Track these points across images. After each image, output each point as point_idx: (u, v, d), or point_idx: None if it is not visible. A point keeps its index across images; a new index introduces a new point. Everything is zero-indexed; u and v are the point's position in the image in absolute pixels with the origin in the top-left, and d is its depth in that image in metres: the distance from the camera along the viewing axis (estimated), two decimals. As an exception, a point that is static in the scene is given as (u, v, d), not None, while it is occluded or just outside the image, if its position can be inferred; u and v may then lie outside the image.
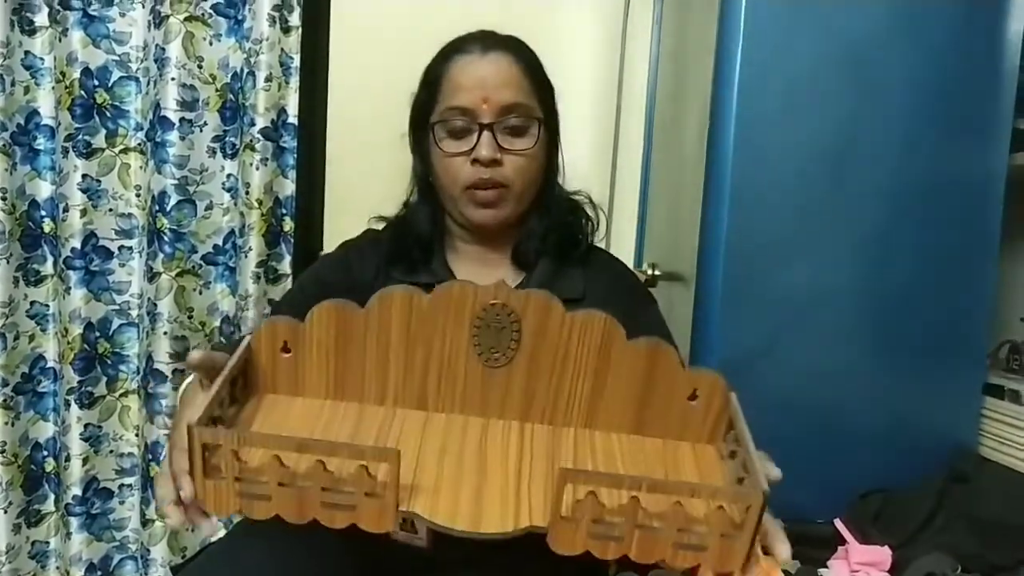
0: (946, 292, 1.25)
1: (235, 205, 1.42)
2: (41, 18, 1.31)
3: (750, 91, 1.17)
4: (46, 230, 1.37)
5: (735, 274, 1.20)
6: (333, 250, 1.01)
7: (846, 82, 1.18)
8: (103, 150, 1.39)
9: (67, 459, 1.41)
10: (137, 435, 1.44)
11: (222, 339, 1.43)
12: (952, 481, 1.22)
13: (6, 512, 1.36)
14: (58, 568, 1.44)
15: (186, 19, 1.33)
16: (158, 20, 1.33)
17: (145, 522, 1.43)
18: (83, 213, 1.37)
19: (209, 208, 1.41)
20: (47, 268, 1.38)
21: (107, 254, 1.41)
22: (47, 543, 1.44)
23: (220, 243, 1.43)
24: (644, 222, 1.59)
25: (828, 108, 1.18)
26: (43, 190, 1.35)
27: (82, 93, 1.36)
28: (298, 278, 1.36)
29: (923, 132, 1.21)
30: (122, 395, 1.46)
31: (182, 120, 1.35)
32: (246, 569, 0.78)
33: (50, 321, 1.40)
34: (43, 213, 1.36)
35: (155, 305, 1.37)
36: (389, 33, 1.48)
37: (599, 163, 1.57)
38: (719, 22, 1.18)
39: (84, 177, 1.37)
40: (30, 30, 1.31)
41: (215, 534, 1.17)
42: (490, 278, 0.72)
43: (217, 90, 1.38)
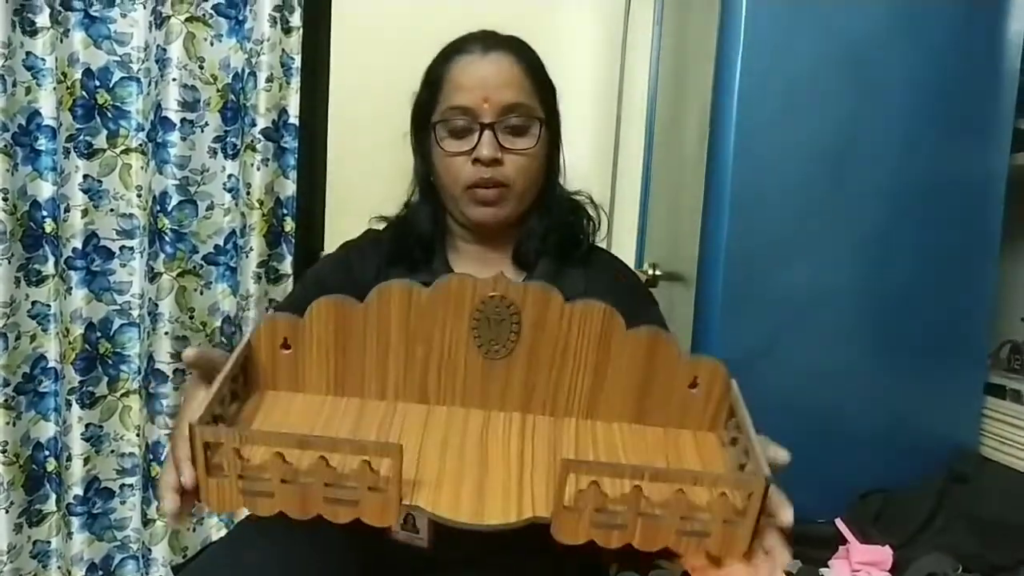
0: (946, 292, 1.25)
1: (236, 205, 1.42)
2: (42, 19, 1.31)
3: (750, 91, 1.17)
4: (47, 230, 1.37)
5: (735, 274, 1.20)
6: (334, 251, 1.01)
7: (846, 82, 1.18)
8: (104, 150, 1.39)
9: (68, 459, 1.41)
10: (138, 435, 1.45)
11: (223, 339, 1.43)
12: (952, 481, 1.22)
13: (7, 512, 1.36)
14: (59, 568, 1.44)
15: (187, 20, 1.33)
16: (159, 21, 1.33)
17: (146, 522, 1.43)
18: (84, 213, 1.38)
19: (210, 208, 1.41)
20: (48, 268, 1.38)
21: (108, 254, 1.41)
22: (48, 543, 1.45)
23: (221, 243, 1.43)
24: (645, 222, 1.59)
25: (828, 108, 1.19)
26: (44, 190, 1.36)
27: (83, 94, 1.36)
28: (299, 279, 1.36)
29: (923, 132, 1.21)
30: (123, 395, 1.46)
31: (183, 120, 1.35)
32: (247, 569, 0.78)
33: (51, 321, 1.40)
34: (44, 213, 1.36)
35: (156, 305, 1.37)
36: (390, 33, 1.48)
37: (600, 163, 1.57)
38: (719, 22, 1.18)
39: (85, 177, 1.37)
40: (31, 31, 1.31)
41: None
42: (491, 278, 0.72)
43: (218, 90, 1.38)
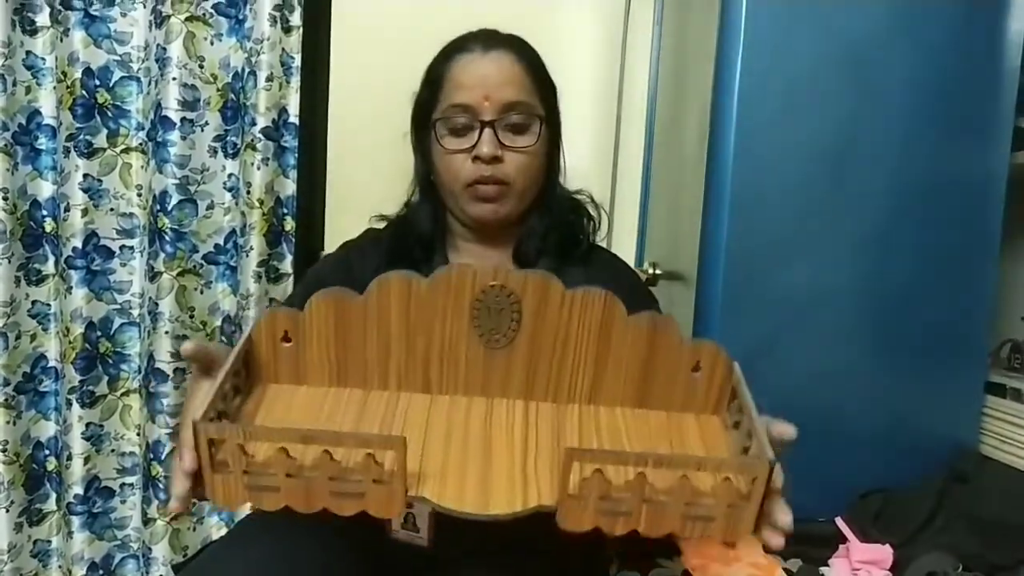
0: (946, 291, 1.25)
1: (236, 204, 1.42)
2: (42, 18, 1.31)
3: (750, 91, 1.17)
4: (47, 230, 1.37)
5: (735, 274, 1.20)
6: (334, 251, 1.01)
7: (846, 82, 1.18)
8: (104, 150, 1.39)
9: (68, 458, 1.41)
10: (138, 434, 1.45)
11: (223, 339, 1.43)
12: (953, 480, 1.22)
13: (8, 511, 1.36)
14: (60, 567, 1.44)
15: (187, 19, 1.33)
16: (159, 20, 1.33)
17: (147, 521, 1.43)
18: (84, 213, 1.38)
19: (210, 207, 1.41)
20: (48, 267, 1.38)
21: (108, 253, 1.41)
22: (49, 542, 1.45)
23: (221, 242, 1.43)
24: (645, 221, 1.59)
25: (828, 108, 1.19)
26: (44, 190, 1.36)
27: (83, 93, 1.36)
28: (299, 280, 1.36)
29: (923, 132, 1.21)
30: (123, 394, 1.46)
31: (183, 120, 1.35)
32: (248, 567, 0.78)
33: (51, 320, 1.40)
34: (44, 213, 1.36)
35: (156, 304, 1.37)
36: (390, 33, 1.48)
37: (600, 162, 1.57)
38: (719, 22, 1.18)
39: (85, 177, 1.37)
40: (31, 30, 1.31)
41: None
42: (491, 276, 0.72)
43: (218, 90, 1.38)
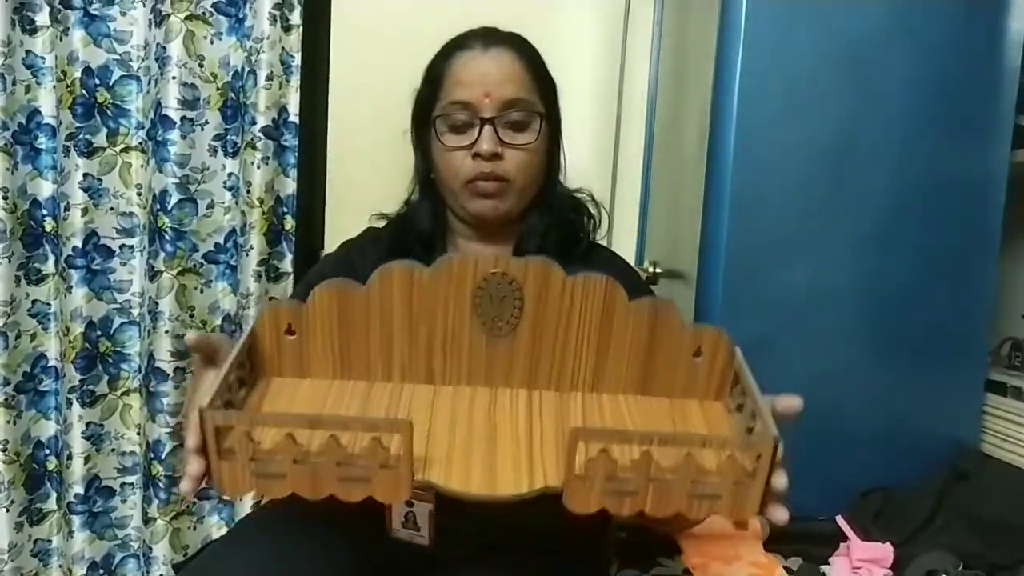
0: (946, 291, 1.25)
1: (236, 203, 1.42)
2: (42, 17, 1.31)
3: (750, 91, 1.17)
4: (47, 229, 1.37)
5: (736, 273, 1.20)
6: (334, 250, 1.01)
7: (846, 82, 1.18)
8: (104, 149, 1.39)
9: (69, 457, 1.41)
10: (139, 434, 1.45)
11: (223, 338, 1.43)
12: (953, 479, 1.22)
13: (8, 511, 1.36)
14: (60, 566, 1.45)
15: (187, 18, 1.33)
16: (159, 19, 1.33)
17: (147, 520, 1.43)
18: (84, 212, 1.37)
19: (210, 207, 1.41)
20: (48, 267, 1.38)
21: (108, 253, 1.41)
22: (49, 541, 1.45)
23: (221, 241, 1.43)
24: (645, 220, 1.60)
25: (828, 108, 1.19)
26: (44, 189, 1.36)
27: (83, 92, 1.36)
28: (300, 280, 1.36)
29: (923, 132, 1.21)
30: (124, 394, 1.46)
31: (183, 119, 1.35)
32: (248, 567, 0.78)
33: (51, 320, 1.40)
34: (44, 212, 1.36)
35: (156, 304, 1.37)
36: (390, 32, 1.48)
37: (600, 161, 1.57)
38: (719, 22, 1.18)
39: (85, 176, 1.37)
40: (31, 29, 1.31)
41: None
42: (491, 274, 0.72)
43: (218, 88, 1.38)
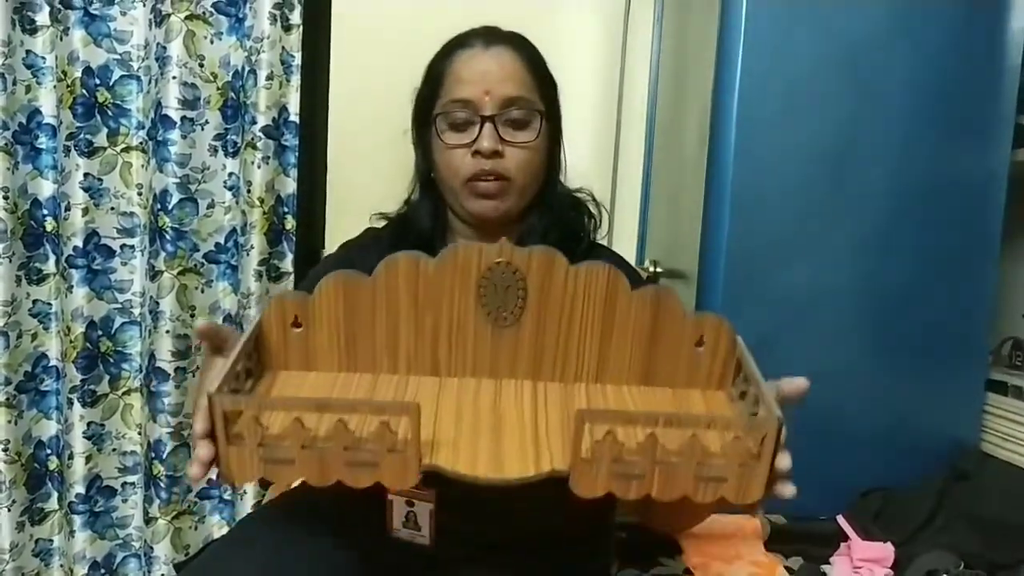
0: (947, 290, 1.25)
1: (236, 203, 1.42)
2: (42, 17, 1.31)
3: (750, 92, 1.17)
4: (48, 229, 1.37)
5: (736, 273, 1.20)
6: (334, 251, 1.01)
7: (846, 83, 1.18)
8: (105, 149, 1.39)
9: (70, 457, 1.41)
10: (140, 433, 1.45)
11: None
12: (953, 479, 1.22)
13: (10, 510, 1.36)
14: (62, 566, 1.45)
15: (187, 17, 1.33)
16: (159, 19, 1.33)
17: (148, 520, 1.43)
18: (85, 212, 1.38)
19: (211, 206, 1.41)
20: (49, 267, 1.39)
21: (109, 252, 1.41)
22: (51, 541, 1.45)
23: (222, 241, 1.43)
24: (645, 220, 1.60)
25: (828, 109, 1.19)
26: (45, 189, 1.36)
27: (83, 92, 1.36)
28: (301, 281, 1.36)
29: (923, 132, 1.21)
30: (124, 393, 1.46)
31: (183, 118, 1.35)
32: (249, 566, 0.78)
33: (52, 320, 1.40)
34: (45, 212, 1.37)
35: (157, 303, 1.37)
36: (390, 32, 1.48)
37: (600, 162, 1.57)
38: (720, 22, 1.19)
39: (86, 176, 1.37)
40: (31, 29, 1.31)
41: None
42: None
43: (218, 88, 1.38)
